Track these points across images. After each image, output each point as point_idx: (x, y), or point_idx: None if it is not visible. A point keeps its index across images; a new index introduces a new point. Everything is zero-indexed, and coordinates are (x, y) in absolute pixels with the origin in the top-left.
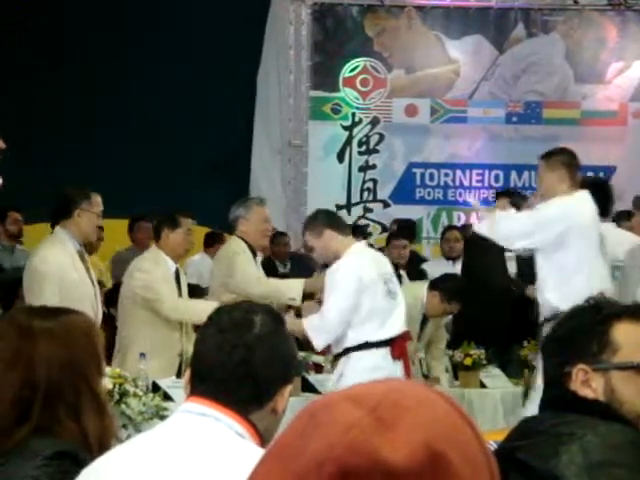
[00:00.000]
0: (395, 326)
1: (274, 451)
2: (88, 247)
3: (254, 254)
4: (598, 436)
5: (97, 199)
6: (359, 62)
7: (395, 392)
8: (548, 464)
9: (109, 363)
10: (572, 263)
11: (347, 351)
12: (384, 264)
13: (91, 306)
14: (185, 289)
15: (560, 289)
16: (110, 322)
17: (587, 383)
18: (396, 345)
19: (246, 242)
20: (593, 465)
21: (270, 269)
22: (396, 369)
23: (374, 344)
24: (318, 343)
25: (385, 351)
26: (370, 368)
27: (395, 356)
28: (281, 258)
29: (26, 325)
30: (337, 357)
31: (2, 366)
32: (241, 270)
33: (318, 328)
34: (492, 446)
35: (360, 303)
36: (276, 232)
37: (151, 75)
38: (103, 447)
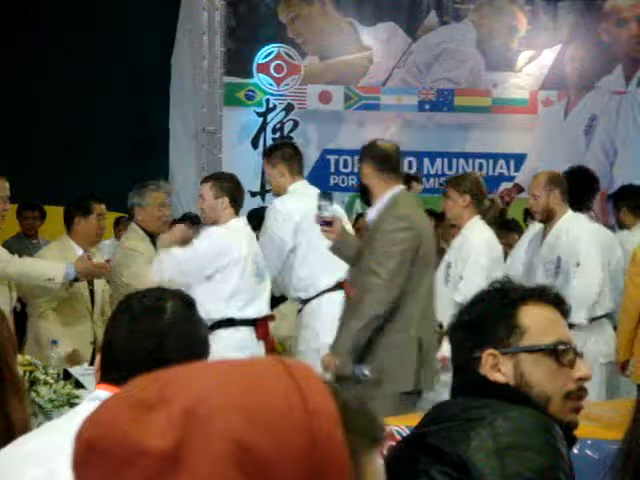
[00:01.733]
0: (262, 307)
1: None
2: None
3: (153, 240)
4: (508, 420)
5: (3, 183)
6: (273, 48)
7: (175, 370)
8: (459, 448)
9: (19, 350)
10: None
11: (212, 327)
12: (255, 244)
13: (7, 292)
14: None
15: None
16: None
17: (497, 367)
18: (260, 326)
19: (145, 230)
20: (502, 449)
21: None
22: (260, 349)
23: (239, 322)
24: (157, 275)
25: (251, 330)
26: (238, 346)
27: (259, 336)
28: None
29: None
30: None
31: None
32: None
33: (173, 262)
34: (405, 431)
35: (228, 276)
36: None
37: (65, 59)
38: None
